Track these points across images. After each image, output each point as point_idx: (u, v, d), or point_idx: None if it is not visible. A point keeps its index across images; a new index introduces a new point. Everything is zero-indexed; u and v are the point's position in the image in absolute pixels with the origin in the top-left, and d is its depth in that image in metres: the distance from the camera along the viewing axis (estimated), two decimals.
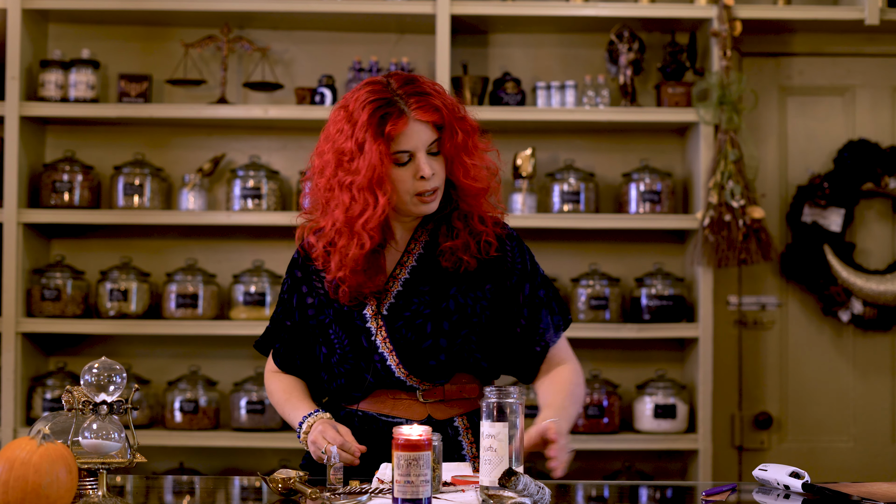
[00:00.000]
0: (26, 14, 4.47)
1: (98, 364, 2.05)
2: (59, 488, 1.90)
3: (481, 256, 2.42)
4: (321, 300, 2.45)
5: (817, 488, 2.18)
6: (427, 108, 2.31)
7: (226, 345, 4.68)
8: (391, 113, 2.30)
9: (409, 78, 2.35)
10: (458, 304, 2.40)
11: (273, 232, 4.69)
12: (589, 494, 2.46)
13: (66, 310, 4.47)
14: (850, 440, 4.78)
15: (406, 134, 2.31)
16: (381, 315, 2.39)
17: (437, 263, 2.42)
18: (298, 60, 4.75)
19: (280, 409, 2.51)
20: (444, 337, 2.39)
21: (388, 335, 2.39)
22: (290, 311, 2.50)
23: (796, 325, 4.79)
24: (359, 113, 2.31)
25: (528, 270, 2.47)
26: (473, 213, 2.42)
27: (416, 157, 2.33)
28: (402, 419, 2.41)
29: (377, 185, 2.29)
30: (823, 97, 4.83)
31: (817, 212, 4.69)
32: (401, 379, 2.40)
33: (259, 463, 4.63)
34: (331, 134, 2.37)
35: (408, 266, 2.42)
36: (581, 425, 4.48)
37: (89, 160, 4.65)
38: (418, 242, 2.44)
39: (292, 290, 2.49)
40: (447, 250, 2.40)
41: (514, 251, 2.47)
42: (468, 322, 2.40)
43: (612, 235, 4.72)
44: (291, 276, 2.50)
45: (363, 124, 2.30)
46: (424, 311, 2.39)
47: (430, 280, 2.41)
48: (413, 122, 2.31)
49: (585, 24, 4.65)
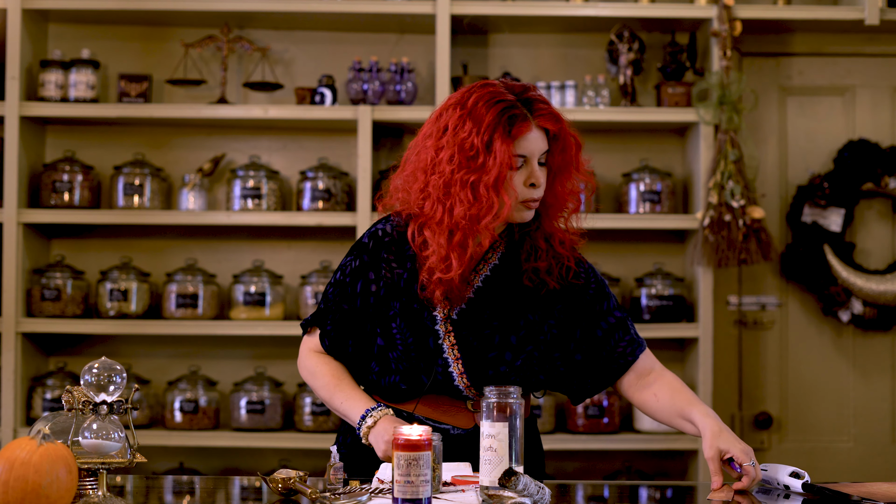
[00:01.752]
0: (26, 14, 4.47)
1: (98, 364, 2.05)
2: (59, 488, 1.90)
3: (564, 282, 2.43)
4: (388, 290, 2.40)
5: (817, 488, 2.18)
6: (549, 117, 2.32)
7: (226, 345, 4.68)
8: (517, 116, 2.30)
9: (525, 86, 2.36)
10: (528, 321, 2.39)
11: (273, 232, 4.69)
12: (589, 494, 2.46)
13: (66, 310, 4.47)
14: (850, 440, 4.79)
15: (527, 139, 2.31)
16: (451, 319, 2.37)
17: (512, 277, 2.41)
18: (298, 60, 4.76)
19: (327, 392, 2.43)
20: (510, 351, 2.38)
21: (457, 342, 2.37)
22: (349, 295, 2.42)
23: (796, 325, 4.79)
24: (484, 111, 2.29)
25: (605, 290, 2.49)
26: (555, 235, 2.43)
27: (530, 163, 2.32)
28: (450, 426, 2.39)
29: (503, 185, 2.29)
30: (823, 97, 4.83)
31: (817, 212, 4.69)
32: (458, 387, 2.38)
33: (259, 463, 4.63)
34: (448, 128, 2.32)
35: (482, 274, 2.40)
36: (581, 425, 4.48)
37: (89, 160, 4.65)
38: (495, 252, 2.42)
39: (357, 274, 2.42)
40: (530, 270, 2.40)
41: (587, 272, 2.49)
42: (535, 339, 2.40)
43: (612, 235, 4.72)
44: (359, 258, 2.42)
45: (491, 123, 2.28)
46: (493, 323, 2.38)
47: (503, 292, 2.40)
48: (535, 128, 2.32)
49: (585, 24, 4.65)
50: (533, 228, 2.42)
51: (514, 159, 2.29)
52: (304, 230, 4.64)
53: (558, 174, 2.38)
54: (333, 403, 2.42)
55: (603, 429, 4.48)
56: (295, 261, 4.69)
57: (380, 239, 2.42)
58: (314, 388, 2.47)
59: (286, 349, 4.63)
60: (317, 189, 4.52)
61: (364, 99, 4.56)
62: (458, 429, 2.39)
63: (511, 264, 2.42)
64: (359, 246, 2.44)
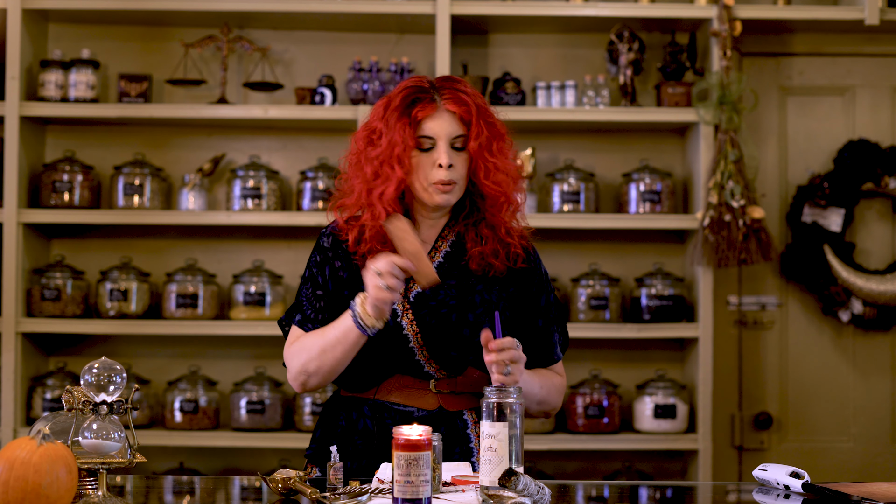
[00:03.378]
0: (26, 14, 4.47)
1: (98, 364, 2.05)
2: (59, 488, 1.90)
3: (510, 265, 2.51)
4: (350, 275, 2.49)
5: (817, 488, 2.18)
6: (456, 101, 2.43)
7: (226, 345, 4.68)
8: (422, 98, 2.43)
9: (450, 77, 2.50)
10: (484, 299, 2.47)
11: (273, 232, 4.69)
12: (589, 494, 2.46)
13: (66, 310, 4.47)
14: (850, 440, 4.78)
15: (432, 119, 2.43)
16: (408, 300, 2.46)
17: (463, 262, 2.50)
18: (298, 60, 4.75)
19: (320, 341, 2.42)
20: (468, 327, 2.45)
21: (415, 318, 2.44)
22: (320, 284, 2.52)
23: (796, 325, 4.79)
24: (394, 98, 2.46)
25: (545, 284, 2.58)
26: (500, 226, 2.50)
27: (437, 145, 2.42)
28: (414, 408, 2.46)
29: (397, 160, 2.40)
30: (823, 97, 4.83)
31: (817, 212, 4.69)
32: (420, 363, 2.45)
33: (259, 463, 4.63)
34: (369, 118, 2.50)
35: (435, 261, 2.50)
36: (581, 425, 4.48)
37: (89, 160, 4.65)
38: (445, 241, 2.52)
39: (323, 263, 2.53)
40: (476, 255, 2.49)
41: (535, 262, 2.57)
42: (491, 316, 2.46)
43: (612, 235, 4.72)
44: (321, 252, 2.54)
45: (395, 106, 2.44)
46: (450, 302, 2.46)
47: (457, 276, 2.49)
48: (440, 111, 2.43)
49: (585, 24, 4.65)
50: (477, 219, 2.52)
51: (417, 140, 2.42)
52: (304, 230, 4.64)
53: (477, 159, 2.45)
54: (328, 338, 2.42)
55: (603, 429, 4.48)
56: (295, 261, 4.69)
57: (335, 233, 2.55)
58: (309, 360, 2.44)
59: None
60: (317, 189, 4.52)
61: (364, 99, 4.56)
62: (423, 410, 2.46)
63: (461, 252, 2.52)
64: (318, 246, 2.57)
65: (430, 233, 2.53)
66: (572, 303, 4.58)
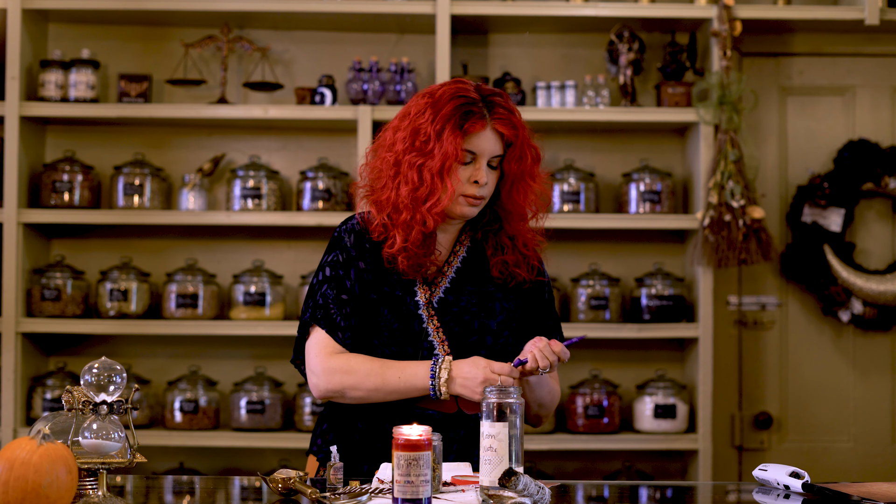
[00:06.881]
0: (26, 14, 4.47)
1: (98, 364, 2.05)
2: (59, 488, 1.89)
3: (531, 278, 2.56)
4: (374, 278, 2.48)
5: (817, 488, 2.18)
6: (507, 123, 2.45)
7: (226, 345, 4.68)
8: (474, 113, 2.43)
9: (497, 91, 2.49)
10: (503, 307, 2.52)
11: (273, 232, 4.69)
12: (589, 494, 2.46)
13: (66, 310, 4.47)
14: (850, 440, 4.78)
15: (479, 136, 2.43)
16: (432, 305, 2.47)
17: (482, 270, 2.54)
18: (298, 60, 4.75)
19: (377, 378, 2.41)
20: (491, 335, 2.49)
21: (441, 325, 2.46)
22: (348, 287, 2.47)
23: (796, 325, 4.79)
24: (444, 102, 2.43)
25: (551, 290, 2.65)
26: (518, 238, 2.55)
27: (478, 161, 2.44)
28: (434, 411, 2.45)
29: (447, 174, 2.41)
30: (823, 97, 4.83)
31: (817, 212, 4.69)
32: None
33: (259, 463, 4.63)
34: (410, 114, 2.47)
35: (453, 266, 2.53)
36: (581, 425, 4.48)
37: (89, 160, 4.65)
38: (462, 245, 2.55)
39: (347, 264, 2.49)
40: (499, 262, 2.53)
41: (544, 273, 2.63)
42: (509, 325, 2.52)
43: (612, 235, 4.72)
44: (344, 251, 2.50)
45: (446, 114, 2.42)
46: (472, 309, 2.49)
47: (476, 283, 2.52)
48: (489, 129, 2.44)
49: (585, 24, 4.65)
50: (496, 229, 2.55)
51: (462, 153, 2.42)
52: (304, 230, 4.64)
53: (515, 182, 2.50)
54: (389, 384, 2.41)
55: (603, 429, 4.48)
56: (295, 261, 4.69)
57: (365, 224, 2.52)
58: (354, 385, 2.42)
59: (286, 349, 4.59)
60: (317, 189, 4.52)
61: (364, 99, 4.56)
62: (442, 413, 2.45)
63: (479, 259, 2.55)
64: (339, 240, 2.52)
65: (446, 237, 2.54)
66: (572, 303, 4.58)
